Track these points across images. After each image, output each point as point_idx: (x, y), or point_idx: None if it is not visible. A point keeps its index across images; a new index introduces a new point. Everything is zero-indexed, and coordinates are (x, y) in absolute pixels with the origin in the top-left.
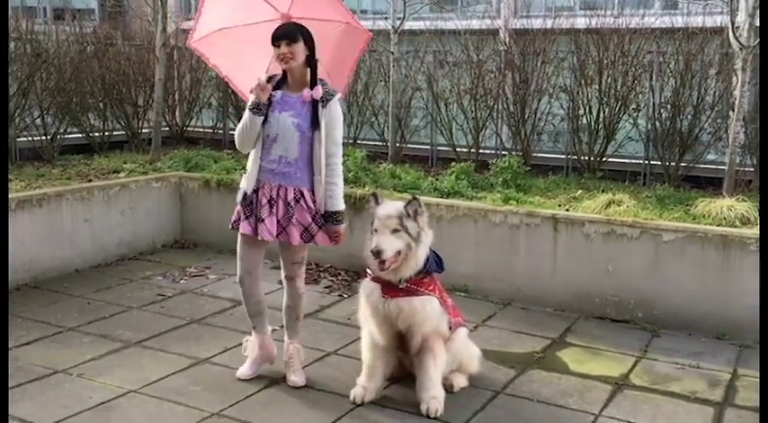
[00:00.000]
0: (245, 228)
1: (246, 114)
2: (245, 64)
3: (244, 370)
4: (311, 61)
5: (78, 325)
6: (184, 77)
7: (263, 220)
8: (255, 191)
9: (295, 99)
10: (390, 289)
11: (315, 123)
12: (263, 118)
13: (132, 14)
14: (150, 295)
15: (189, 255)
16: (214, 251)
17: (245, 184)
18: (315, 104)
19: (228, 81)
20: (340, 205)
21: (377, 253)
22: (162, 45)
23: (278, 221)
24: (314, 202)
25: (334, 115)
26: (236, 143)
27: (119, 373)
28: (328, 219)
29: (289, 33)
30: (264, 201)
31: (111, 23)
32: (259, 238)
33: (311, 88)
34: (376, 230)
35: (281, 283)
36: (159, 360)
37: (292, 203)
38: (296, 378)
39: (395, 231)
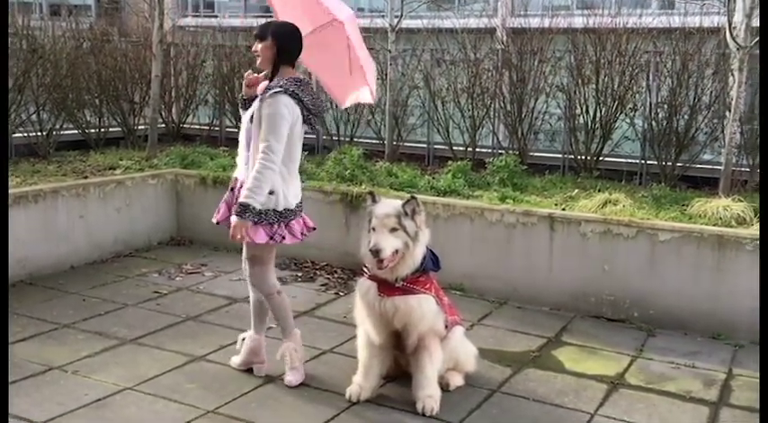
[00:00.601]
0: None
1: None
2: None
3: (236, 359)
4: (277, 57)
5: (74, 322)
6: (181, 74)
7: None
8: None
9: None
10: (386, 288)
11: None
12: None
13: (129, 11)
14: (146, 292)
15: (185, 252)
16: (210, 248)
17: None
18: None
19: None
20: (248, 199)
21: (375, 252)
22: (159, 41)
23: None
24: None
25: (266, 109)
26: None
27: (114, 370)
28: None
29: (259, 31)
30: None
31: (107, 19)
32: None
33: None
34: (374, 229)
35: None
36: (155, 357)
37: (236, 193)
38: (291, 377)
39: (393, 230)
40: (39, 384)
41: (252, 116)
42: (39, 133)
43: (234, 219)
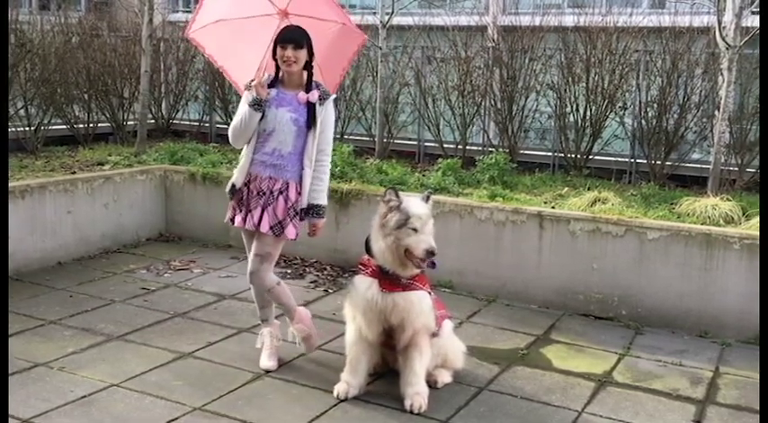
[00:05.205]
0: (238, 222)
1: (245, 110)
2: (241, 56)
3: (267, 363)
4: (309, 65)
5: (60, 318)
6: (171, 70)
7: (250, 211)
8: (247, 183)
9: (291, 96)
10: (388, 283)
11: (311, 121)
12: (261, 114)
13: (118, 5)
14: (133, 289)
15: (173, 248)
16: (199, 245)
17: (236, 176)
18: (311, 104)
19: (223, 71)
20: (324, 200)
21: (432, 253)
22: (148, 37)
23: (262, 210)
24: (297, 194)
25: (328, 115)
26: (231, 138)
27: (101, 366)
28: (310, 211)
29: (297, 39)
30: (255, 192)
31: (96, 14)
32: (245, 228)
33: (306, 91)
34: (415, 229)
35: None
36: (142, 354)
37: (275, 194)
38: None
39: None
40: (24, 381)
41: (308, 119)
42: (26, 128)
43: (322, 221)
